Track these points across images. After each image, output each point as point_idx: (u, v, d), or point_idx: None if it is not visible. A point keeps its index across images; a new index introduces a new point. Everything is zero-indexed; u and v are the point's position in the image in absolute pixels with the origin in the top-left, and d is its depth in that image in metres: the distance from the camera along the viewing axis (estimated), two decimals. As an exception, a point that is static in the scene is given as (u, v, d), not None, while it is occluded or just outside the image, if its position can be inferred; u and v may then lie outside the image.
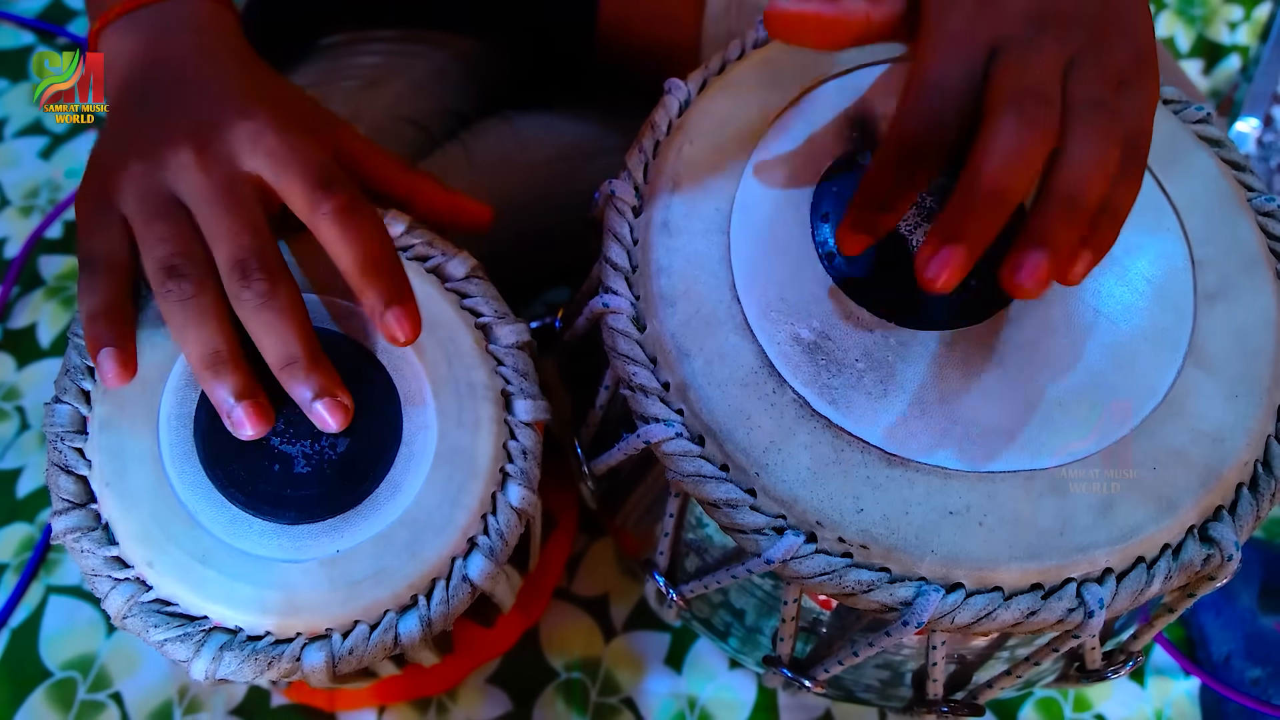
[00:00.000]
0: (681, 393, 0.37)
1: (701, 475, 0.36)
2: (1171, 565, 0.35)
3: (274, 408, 0.38)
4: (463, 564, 0.39)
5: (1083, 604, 0.34)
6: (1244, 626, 0.59)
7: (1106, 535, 0.35)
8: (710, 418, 0.37)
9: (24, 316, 0.72)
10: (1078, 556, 0.34)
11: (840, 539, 0.35)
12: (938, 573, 0.34)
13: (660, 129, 0.43)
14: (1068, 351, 0.38)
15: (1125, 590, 0.35)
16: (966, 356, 0.37)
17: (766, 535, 0.35)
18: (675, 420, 0.37)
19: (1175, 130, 0.43)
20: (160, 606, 0.38)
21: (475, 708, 0.58)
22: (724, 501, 0.36)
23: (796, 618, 0.41)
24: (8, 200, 0.78)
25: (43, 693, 0.58)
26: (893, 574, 0.35)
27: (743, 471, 0.36)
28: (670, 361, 0.38)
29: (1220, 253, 0.40)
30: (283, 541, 0.38)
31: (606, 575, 0.62)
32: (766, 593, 0.42)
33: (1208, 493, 0.36)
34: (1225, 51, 0.87)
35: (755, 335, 0.38)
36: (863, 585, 0.34)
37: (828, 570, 0.35)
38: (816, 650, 0.43)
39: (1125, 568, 0.35)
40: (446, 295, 0.42)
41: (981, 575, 0.34)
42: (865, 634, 0.39)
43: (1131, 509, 0.35)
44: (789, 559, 0.35)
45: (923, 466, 0.36)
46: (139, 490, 0.38)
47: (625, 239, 0.41)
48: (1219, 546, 0.35)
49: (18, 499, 0.65)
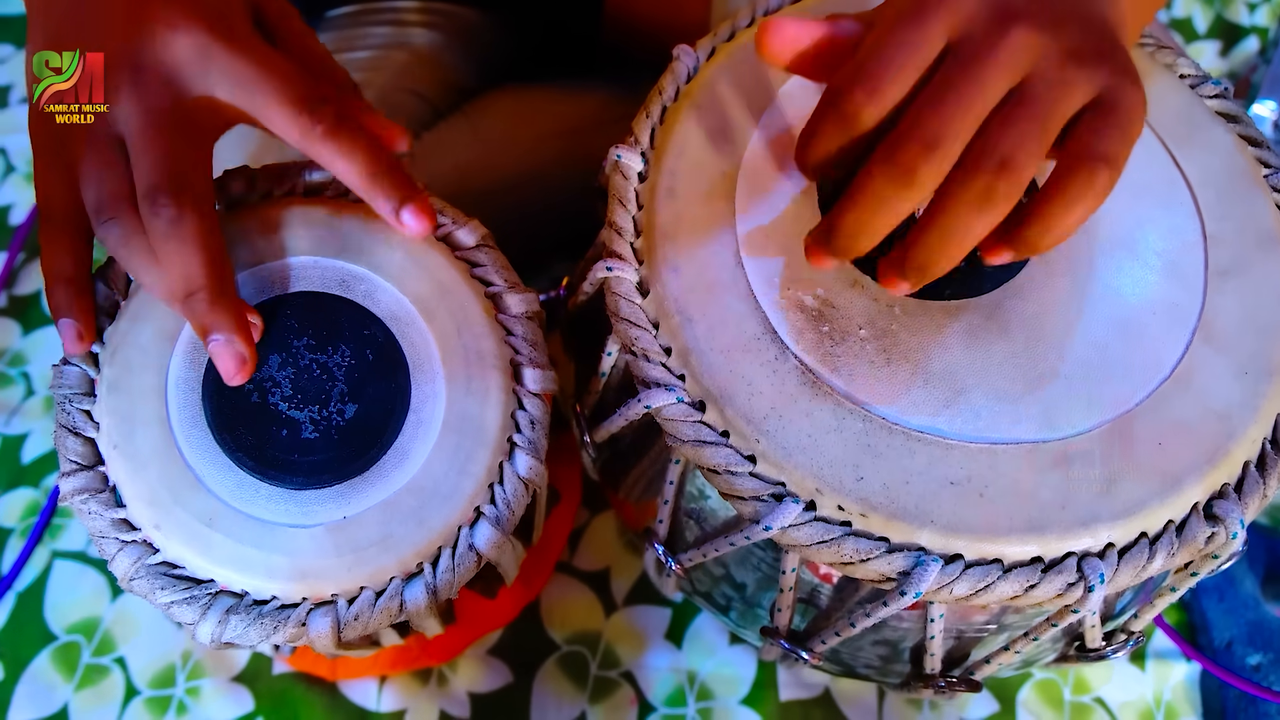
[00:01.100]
0: (683, 358, 0.37)
1: (702, 441, 0.36)
2: (1174, 541, 0.35)
3: (283, 372, 0.38)
4: (469, 533, 0.39)
5: (1082, 578, 0.34)
6: (1246, 613, 0.59)
7: (1109, 510, 0.34)
8: (711, 383, 0.37)
9: (29, 283, 0.72)
10: (1079, 530, 0.34)
11: (840, 507, 0.35)
12: (937, 543, 0.34)
13: (668, 95, 0.43)
14: (1074, 324, 0.37)
15: (1126, 566, 0.34)
16: (971, 327, 0.37)
17: (765, 501, 0.35)
18: (676, 385, 0.37)
19: (1191, 104, 0.42)
20: (167, 569, 0.38)
21: (476, 679, 0.58)
22: (724, 467, 0.36)
23: (795, 588, 0.41)
24: (13, 167, 0.78)
25: (47, 656, 0.59)
26: (891, 543, 0.35)
27: (743, 437, 0.36)
28: (673, 327, 0.38)
29: (1234, 229, 0.40)
30: (290, 506, 0.38)
31: (608, 549, 0.62)
32: (769, 564, 0.42)
33: (1213, 469, 0.35)
34: (1244, 33, 0.86)
35: (759, 301, 0.38)
36: (861, 554, 0.34)
37: (826, 538, 0.35)
38: (815, 622, 0.43)
39: (1127, 543, 0.35)
40: (456, 263, 0.42)
41: (981, 547, 0.34)
42: (863, 605, 0.39)
43: (1135, 484, 0.35)
44: (787, 526, 0.35)
45: (924, 436, 0.35)
46: (147, 453, 0.38)
47: (630, 204, 0.40)
48: (1223, 524, 0.35)
49: (23, 464, 0.65)
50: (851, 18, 0.35)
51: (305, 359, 0.39)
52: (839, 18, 0.35)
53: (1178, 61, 0.44)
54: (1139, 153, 0.41)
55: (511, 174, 0.59)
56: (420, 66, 0.62)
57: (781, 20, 0.34)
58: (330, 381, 0.39)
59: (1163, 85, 0.43)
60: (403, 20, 0.63)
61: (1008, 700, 0.58)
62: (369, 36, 0.62)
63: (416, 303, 0.41)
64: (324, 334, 0.40)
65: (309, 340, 0.40)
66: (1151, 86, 0.43)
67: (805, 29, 0.34)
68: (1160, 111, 0.42)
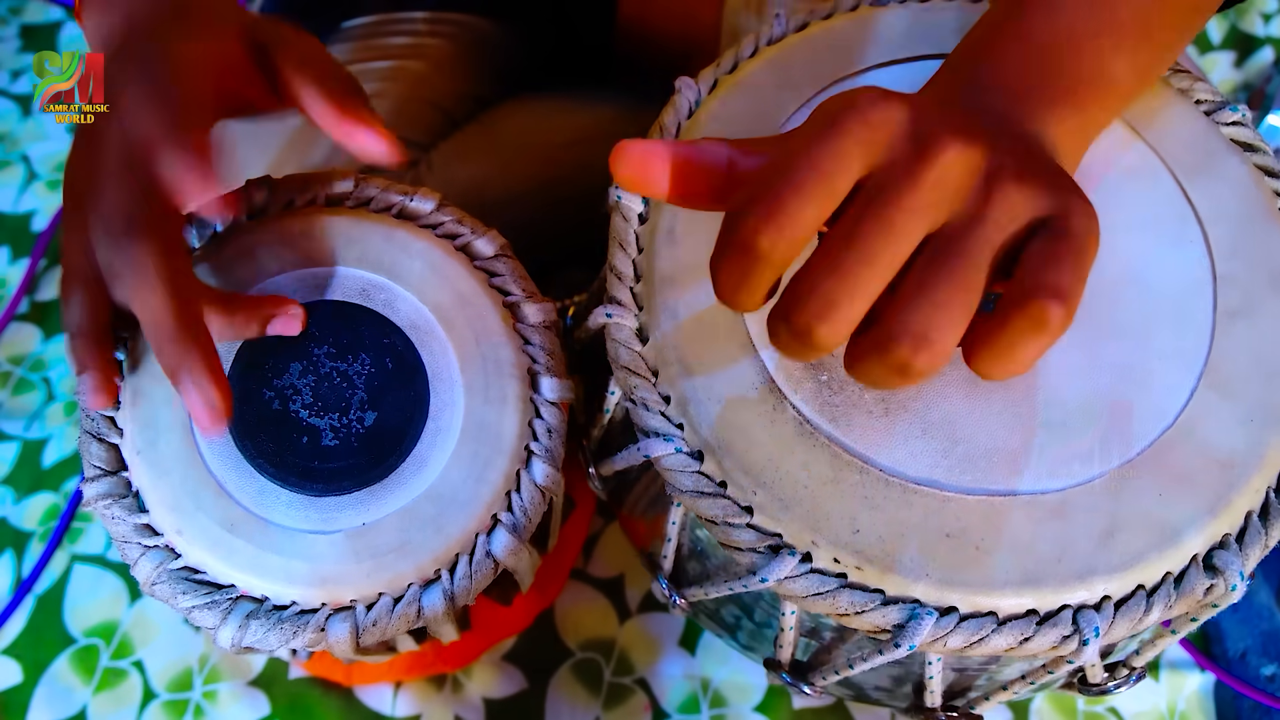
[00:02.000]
0: (682, 407, 0.37)
1: (700, 491, 0.36)
2: (1172, 594, 0.34)
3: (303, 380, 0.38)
4: (486, 540, 0.39)
5: (1077, 631, 0.33)
6: (1261, 623, 0.59)
7: (1106, 562, 0.34)
8: (710, 433, 0.36)
9: (51, 289, 0.73)
10: (1074, 583, 0.34)
11: (835, 559, 0.34)
12: (932, 595, 0.34)
13: (669, 131, 0.42)
14: (1076, 372, 0.36)
15: (1123, 618, 0.34)
16: (970, 376, 0.36)
17: (762, 553, 0.35)
18: (675, 435, 0.37)
19: (1206, 133, 0.41)
20: (188, 574, 0.38)
21: (490, 685, 0.58)
22: (721, 518, 0.35)
23: (795, 628, 0.40)
24: (36, 174, 0.79)
25: (66, 659, 0.59)
26: (886, 595, 0.34)
27: (740, 489, 0.36)
28: (671, 375, 0.37)
29: (1246, 268, 0.38)
30: (310, 513, 0.38)
31: (622, 557, 0.62)
32: (769, 603, 0.42)
33: (1214, 520, 0.34)
34: (1259, 44, 0.86)
35: (757, 349, 0.37)
36: (856, 606, 0.34)
37: (821, 590, 0.34)
38: (817, 656, 0.42)
39: (1124, 595, 0.34)
40: (475, 273, 0.43)
41: (976, 600, 0.34)
42: (860, 649, 0.38)
43: (1133, 536, 0.34)
44: (784, 578, 0.35)
45: (921, 488, 0.35)
46: (169, 459, 0.39)
47: (630, 247, 0.40)
48: (1223, 576, 0.34)
49: (44, 468, 0.65)
50: (725, 142, 0.30)
51: (326, 367, 0.40)
52: (709, 141, 0.30)
53: (1194, 86, 0.42)
54: (1147, 186, 0.40)
55: (526, 183, 0.59)
56: (436, 77, 0.62)
57: (626, 144, 0.30)
58: (350, 389, 0.40)
59: (1176, 112, 0.42)
60: (419, 31, 0.63)
61: (1021, 710, 0.58)
62: (386, 47, 0.62)
63: (436, 312, 0.41)
64: (344, 342, 0.40)
65: (329, 348, 0.40)
66: (1165, 113, 0.41)
67: (654, 152, 0.30)
68: (1172, 140, 0.41)
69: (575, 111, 0.65)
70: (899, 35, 0.44)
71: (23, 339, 0.71)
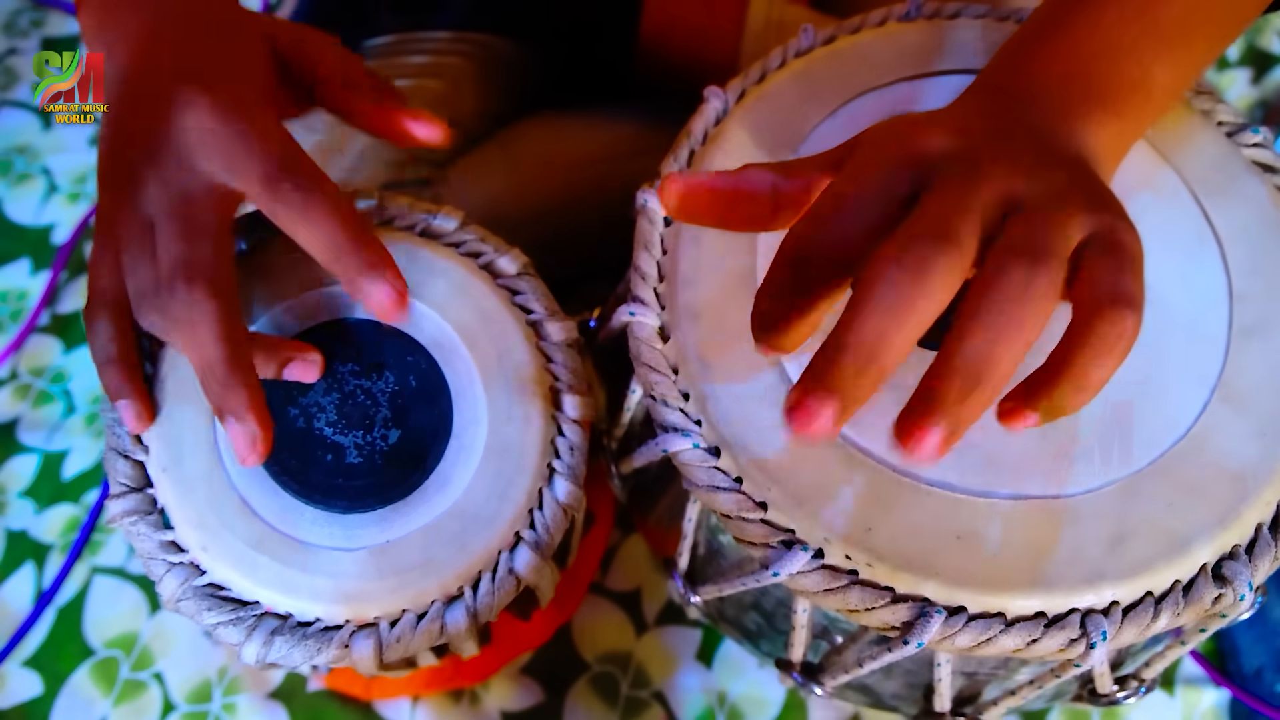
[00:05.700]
0: (701, 404, 0.38)
1: (716, 486, 0.37)
2: (1180, 601, 0.34)
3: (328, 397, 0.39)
4: (509, 557, 0.39)
5: (1085, 635, 0.34)
6: (1275, 640, 0.59)
7: (1115, 568, 0.34)
8: (727, 430, 0.37)
9: (72, 301, 0.73)
10: (1083, 587, 0.34)
11: (847, 556, 0.35)
12: (942, 594, 0.34)
13: (696, 137, 0.43)
14: None
15: (1130, 624, 0.34)
16: None
17: (775, 548, 0.36)
18: (693, 431, 0.38)
19: (1227, 154, 0.42)
20: (213, 591, 0.39)
21: (508, 698, 0.59)
22: (736, 513, 0.36)
23: (807, 626, 0.41)
24: (56, 186, 0.79)
25: (86, 670, 0.60)
26: (896, 593, 0.35)
27: (755, 484, 0.36)
28: (691, 373, 0.38)
29: (1262, 286, 0.39)
30: (334, 530, 0.39)
31: (639, 570, 0.62)
32: (785, 601, 0.42)
33: (1224, 531, 0.35)
34: (1275, 61, 0.86)
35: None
36: (866, 602, 0.35)
37: (832, 586, 0.35)
38: (828, 657, 0.43)
39: (1133, 601, 0.35)
40: (498, 291, 0.43)
41: (985, 600, 0.34)
42: (871, 646, 0.39)
43: (1143, 544, 0.35)
44: (795, 573, 0.35)
45: (933, 489, 0.36)
46: (195, 476, 0.39)
47: (655, 248, 0.41)
48: (1232, 586, 0.34)
49: (64, 481, 0.66)
50: (768, 168, 0.32)
51: (350, 385, 0.40)
52: (753, 168, 0.32)
53: (1216, 108, 0.43)
54: (1166, 204, 0.41)
55: (545, 201, 0.59)
56: (455, 95, 0.63)
57: (673, 176, 0.32)
58: (374, 407, 0.40)
59: (1198, 132, 0.42)
60: (438, 50, 0.64)
61: (1037, 725, 0.58)
62: (405, 66, 0.63)
63: (459, 330, 0.42)
64: (369, 360, 0.41)
65: (354, 366, 0.41)
66: (1186, 133, 0.42)
67: (700, 183, 0.31)
68: (1193, 161, 0.42)
69: (594, 129, 0.65)
70: (925, 51, 0.44)
71: (44, 351, 0.71)
